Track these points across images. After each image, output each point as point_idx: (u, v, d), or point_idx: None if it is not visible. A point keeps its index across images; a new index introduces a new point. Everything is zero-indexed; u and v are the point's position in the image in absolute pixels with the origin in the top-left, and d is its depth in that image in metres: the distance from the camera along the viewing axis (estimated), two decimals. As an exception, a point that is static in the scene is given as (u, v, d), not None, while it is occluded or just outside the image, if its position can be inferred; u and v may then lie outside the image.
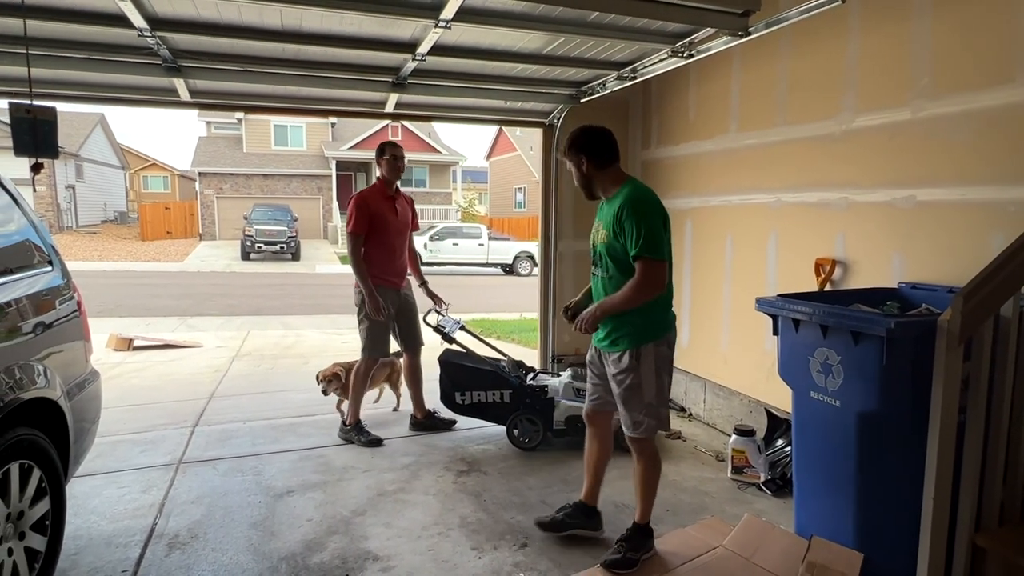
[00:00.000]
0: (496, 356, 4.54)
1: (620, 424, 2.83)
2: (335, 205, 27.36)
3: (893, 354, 2.31)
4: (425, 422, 4.52)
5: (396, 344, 4.44)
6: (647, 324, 2.68)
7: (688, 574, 2.62)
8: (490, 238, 20.95)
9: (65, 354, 2.74)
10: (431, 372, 4.31)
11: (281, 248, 21.72)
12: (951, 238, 2.93)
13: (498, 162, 37.31)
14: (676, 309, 2.85)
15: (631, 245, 2.56)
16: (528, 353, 6.63)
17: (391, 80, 4.26)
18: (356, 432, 4.23)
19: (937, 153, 2.98)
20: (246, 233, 21.73)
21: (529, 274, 19.29)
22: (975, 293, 2.03)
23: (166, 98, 4.49)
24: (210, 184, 27.38)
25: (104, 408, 3.14)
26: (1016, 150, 2.66)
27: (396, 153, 4.21)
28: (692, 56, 3.61)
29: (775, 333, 2.88)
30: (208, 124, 31.97)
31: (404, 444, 4.26)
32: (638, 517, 2.79)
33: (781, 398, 3.61)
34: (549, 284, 5.50)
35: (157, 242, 26.00)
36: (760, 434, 3.76)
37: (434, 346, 4.47)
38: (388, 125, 27.19)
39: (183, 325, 9.73)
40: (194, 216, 28.21)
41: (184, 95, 4.39)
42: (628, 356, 2.68)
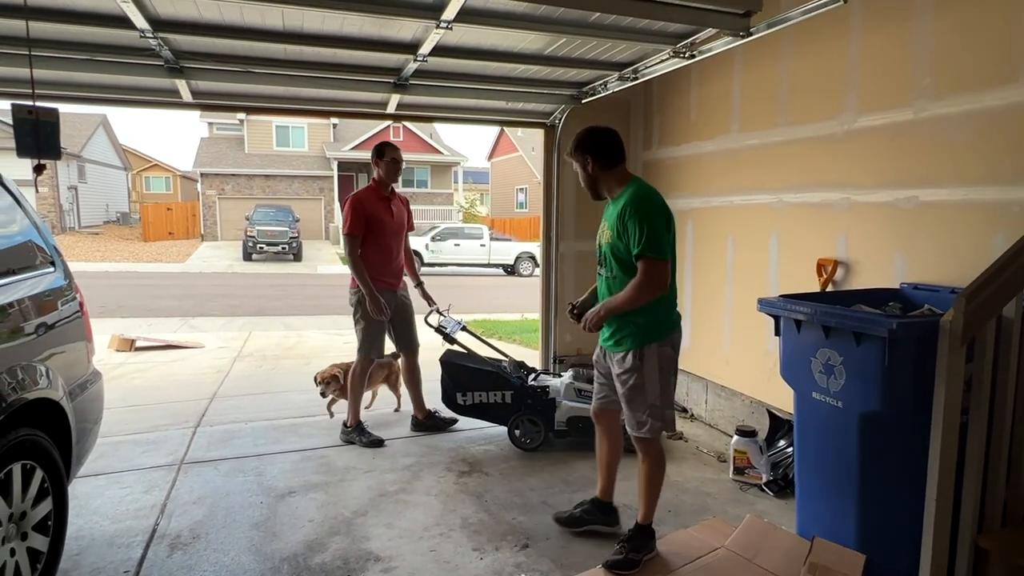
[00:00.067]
0: (497, 357, 4.53)
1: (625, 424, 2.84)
2: (337, 206, 27.35)
3: (895, 355, 2.31)
4: (426, 422, 4.52)
5: (392, 346, 4.43)
6: (650, 324, 2.68)
7: (690, 575, 2.62)
8: (492, 239, 20.95)
9: (67, 355, 2.74)
10: (432, 372, 4.31)
11: (283, 249, 21.76)
12: (953, 239, 2.92)
13: (499, 163, 37.32)
14: (677, 309, 2.85)
15: (633, 244, 2.57)
16: (529, 354, 6.63)
17: (393, 81, 4.26)
18: (357, 433, 4.23)
19: (939, 153, 2.98)
20: (248, 234, 21.79)
21: (531, 275, 19.31)
22: (977, 294, 2.03)
23: (168, 99, 4.50)
24: (212, 185, 27.43)
25: (106, 408, 3.15)
26: (1018, 150, 2.66)
27: (396, 156, 4.21)
28: (694, 57, 3.61)
29: (777, 334, 2.88)
30: (210, 125, 32.04)
31: (405, 445, 4.26)
32: (640, 518, 2.79)
33: (783, 399, 3.60)
34: (551, 285, 5.51)
35: (159, 243, 26.06)
36: (762, 435, 3.76)
37: (435, 347, 4.47)
38: (390, 126, 27.23)
39: (185, 326, 9.74)
40: (196, 217, 28.27)
41: (186, 96, 4.40)
42: (631, 356, 2.69)
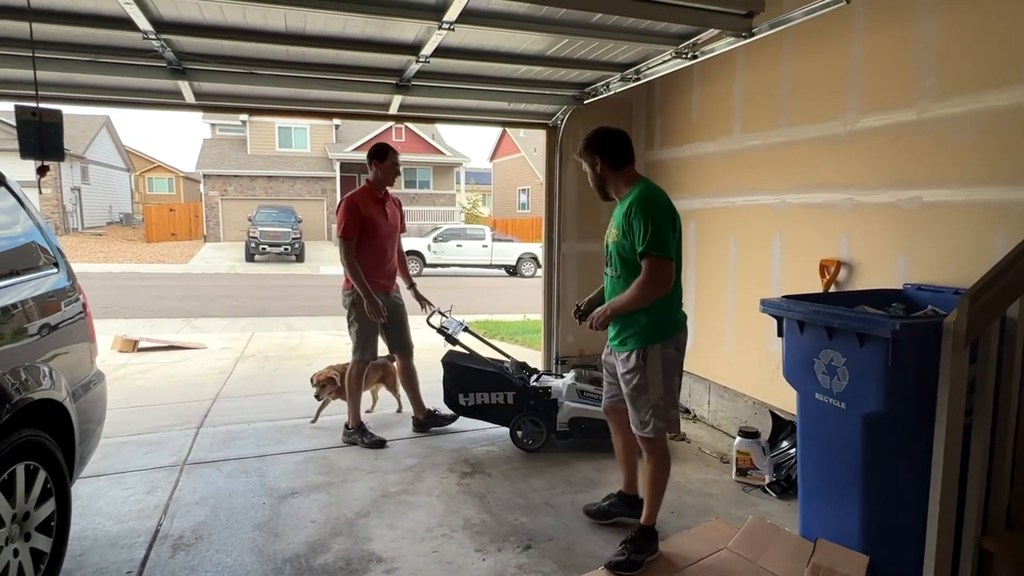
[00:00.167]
0: (499, 358, 4.53)
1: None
2: (339, 207, 27.39)
3: (899, 356, 2.30)
4: (427, 421, 4.52)
5: (384, 348, 4.42)
6: (654, 325, 2.69)
7: (692, 576, 2.62)
8: (494, 239, 20.97)
9: (70, 355, 2.75)
10: (434, 373, 4.31)
11: (285, 250, 21.80)
12: (957, 239, 2.91)
13: (502, 163, 37.31)
14: (683, 310, 2.84)
15: (638, 242, 2.58)
16: (532, 354, 6.63)
17: (395, 82, 4.26)
18: (359, 434, 4.23)
19: (942, 154, 2.97)
20: (250, 235, 21.83)
21: (533, 275, 19.31)
22: (981, 295, 2.03)
23: (171, 100, 4.51)
24: (215, 186, 27.47)
25: (109, 409, 3.15)
26: (1022, 151, 2.65)
27: (398, 160, 4.23)
28: (696, 57, 3.60)
29: (780, 335, 2.88)
30: (213, 126, 32.11)
31: (407, 446, 4.26)
32: (643, 519, 2.79)
33: (786, 400, 3.59)
34: (553, 285, 5.50)
35: (162, 244, 26.12)
36: (765, 436, 3.75)
37: (437, 347, 4.47)
38: (392, 127, 27.26)
39: (188, 326, 9.76)
40: (199, 218, 28.33)
41: (189, 97, 4.41)
42: (635, 356, 2.71)
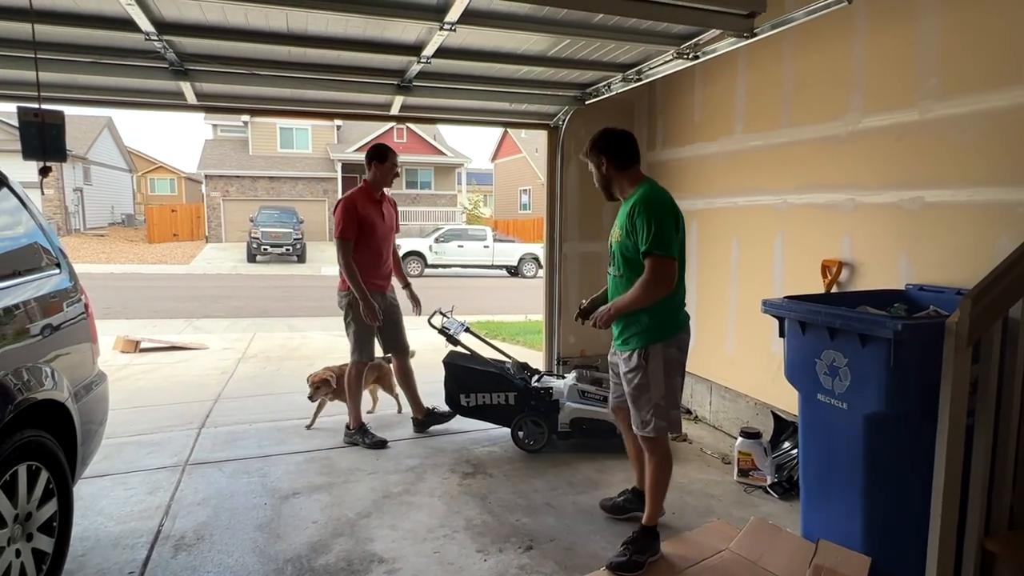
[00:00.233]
0: (501, 358, 4.53)
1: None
2: (340, 208, 27.40)
3: (901, 356, 2.30)
4: (426, 420, 4.52)
5: (380, 349, 4.42)
6: (656, 324, 2.70)
7: (694, 577, 2.61)
8: (495, 240, 20.97)
9: (72, 356, 2.75)
10: (435, 373, 4.30)
11: (287, 250, 21.81)
12: (959, 240, 2.91)
13: (503, 164, 37.32)
14: (686, 310, 2.84)
15: (641, 241, 2.60)
16: (533, 355, 6.62)
17: (396, 83, 4.27)
18: (360, 434, 4.24)
19: (945, 154, 2.96)
20: (252, 235, 21.83)
21: (534, 276, 19.31)
22: (984, 295, 2.02)
23: (173, 101, 4.52)
24: (216, 186, 27.50)
25: (111, 410, 3.15)
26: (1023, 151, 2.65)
27: (396, 161, 4.24)
28: (698, 58, 3.60)
29: (781, 335, 2.88)
30: (214, 127, 32.14)
31: (409, 446, 4.26)
32: (645, 519, 2.79)
33: (788, 400, 3.59)
34: (554, 286, 5.50)
35: (164, 244, 26.15)
36: (766, 437, 3.75)
37: (438, 348, 4.47)
38: (393, 127, 27.28)
39: (189, 327, 9.76)
40: (200, 218, 28.36)
41: (191, 98, 4.41)
42: (637, 355, 2.72)
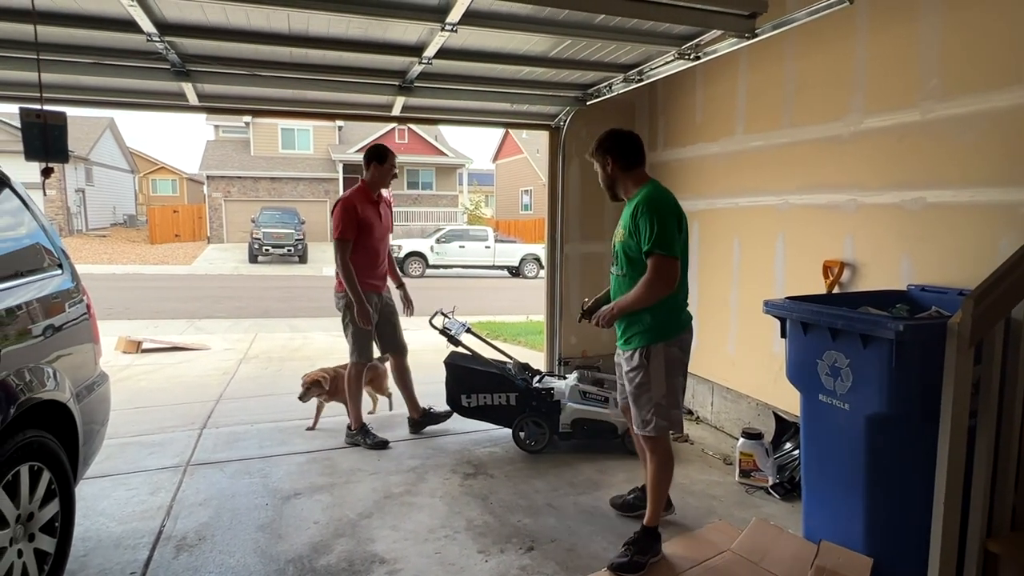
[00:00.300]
0: (502, 359, 4.53)
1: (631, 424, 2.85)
2: (342, 208, 27.41)
3: (903, 357, 2.30)
4: (423, 420, 4.52)
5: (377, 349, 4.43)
6: (658, 324, 2.71)
7: (696, 578, 2.61)
8: (496, 240, 20.97)
9: (74, 357, 2.76)
10: (436, 374, 4.30)
11: (288, 251, 21.85)
12: (961, 240, 2.90)
13: (504, 164, 37.34)
14: (688, 310, 2.84)
15: (644, 241, 2.61)
16: (534, 356, 6.62)
17: (398, 83, 4.27)
18: (361, 435, 4.23)
19: (946, 155, 2.96)
20: (254, 236, 21.87)
21: (535, 276, 19.32)
22: (986, 296, 2.02)
23: (174, 102, 4.52)
24: (218, 187, 27.54)
25: (113, 410, 3.16)
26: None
27: (394, 162, 4.25)
28: (699, 58, 3.60)
29: (783, 336, 2.87)
30: (216, 128, 32.16)
31: (410, 447, 4.26)
32: (646, 520, 2.79)
33: (789, 401, 3.59)
34: (555, 286, 5.50)
35: (165, 245, 26.19)
36: (768, 437, 3.75)
37: (439, 348, 4.47)
38: (395, 128, 27.28)
39: (191, 328, 9.78)
40: (202, 219, 28.39)
41: (192, 99, 4.42)
42: (638, 355, 2.73)
